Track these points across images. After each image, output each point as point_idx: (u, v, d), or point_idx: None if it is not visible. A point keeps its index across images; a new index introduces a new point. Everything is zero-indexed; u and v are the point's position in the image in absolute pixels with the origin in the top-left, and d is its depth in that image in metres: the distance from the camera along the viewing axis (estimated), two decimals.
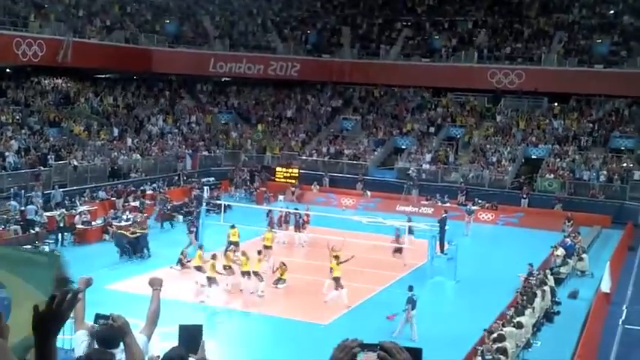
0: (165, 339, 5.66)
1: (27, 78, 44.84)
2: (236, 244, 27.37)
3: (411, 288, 20.71)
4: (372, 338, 2.79)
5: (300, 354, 17.97)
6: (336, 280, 22.69)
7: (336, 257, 23.29)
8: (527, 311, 20.84)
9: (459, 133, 48.23)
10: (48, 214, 31.38)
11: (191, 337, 5.56)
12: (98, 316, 5.04)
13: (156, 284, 5.83)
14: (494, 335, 18.16)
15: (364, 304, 23.52)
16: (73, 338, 6.06)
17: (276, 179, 44.81)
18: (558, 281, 26.52)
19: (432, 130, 48.70)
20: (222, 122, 52.34)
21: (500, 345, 17.49)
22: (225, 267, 24.11)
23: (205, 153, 47.05)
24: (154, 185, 39.44)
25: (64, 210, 31.24)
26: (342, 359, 2.78)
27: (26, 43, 38.64)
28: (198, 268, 24.11)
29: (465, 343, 18.94)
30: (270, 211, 33.95)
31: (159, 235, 31.78)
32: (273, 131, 50.74)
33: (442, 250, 28.43)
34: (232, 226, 28.28)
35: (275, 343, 19.36)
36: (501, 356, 17.58)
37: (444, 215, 32.23)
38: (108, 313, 4.86)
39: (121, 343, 4.71)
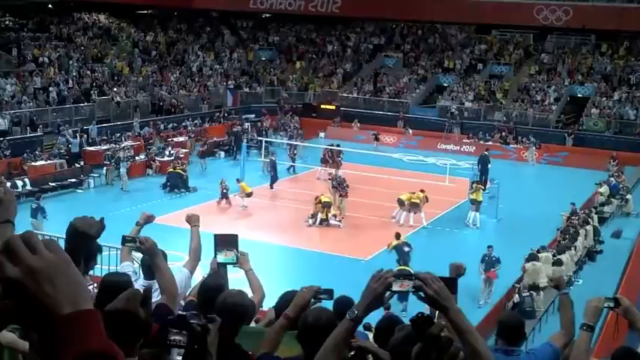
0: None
1: (69, 13, 44.96)
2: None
3: (489, 247, 19.83)
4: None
5: (339, 287, 18.13)
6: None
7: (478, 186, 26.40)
8: (569, 250, 20.76)
9: (503, 71, 47.40)
10: (92, 148, 31.93)
11: (227, 245, 5.62)
12: (125, 239, 5.02)
13: (193, 221, 5.85)
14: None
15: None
16: (119, 269, 6.17)
17: (318, 116, 44.62)
18: (602, 220, 26.29)
19: (475, 67, 47.92)
20: (263, 59, 52.08)
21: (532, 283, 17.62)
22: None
23: (246, 90, 46.99)
24: (196, 121, 39.59)
25: (112, 145, 31.81)
26: (376, 289, 2.80)
27: None
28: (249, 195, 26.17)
29: (504, 281, 19.00)
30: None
31: (201, 170, 32.31)
32: (314, 68, 50.39)
33: (484, 188, 28.22)
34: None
35: (315, 277, 19.51)
36: (533, 292, 17.62)
37: (484, 153, 31.90)
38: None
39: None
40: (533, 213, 26.81)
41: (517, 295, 17.27)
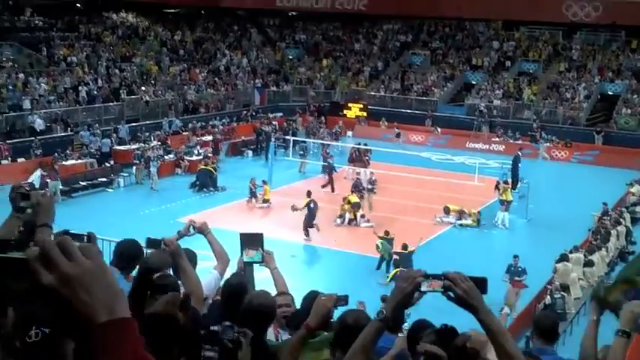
0: None
1: (98, 13, 45.37)
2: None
3: (515, 256, 18.96)
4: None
5: (365, 286, 18.07)
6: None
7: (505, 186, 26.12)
8: (600, 250, 20.49)
9: (532, 68, 46.98)
10: (122, 147, 32.19)
11: (252, 245, 5.66)
12: (150, 241, 5.03)
13: (204, 229, 5.85)
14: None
15: (433, 240, 23.49)
16: None
17: (346, 115, 44.51)
18: (634, 221, 25.91)
19: (503, 64, 47.55)
20: (290, 57, 52.15)
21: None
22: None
23: (274, 88, 47.06)
24: (223, 120, 39.69)
25: (142, 144, 32.08)
26: (405, 289, 2.78)
27: None
28: (267, 201, 26.02)
29: (535, 282, 18.75)
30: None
31: (229, 170, 32.41)
32: (342, 67, 50.32)
33: (514, 188, 27.93)
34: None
35: (341, 276, 19.45)
36: (563, 293, 17.38)
37: (517, 153, 31.51)
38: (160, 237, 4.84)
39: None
40: (564, 213, 26.41)
41: (549, 297, 17.06)
